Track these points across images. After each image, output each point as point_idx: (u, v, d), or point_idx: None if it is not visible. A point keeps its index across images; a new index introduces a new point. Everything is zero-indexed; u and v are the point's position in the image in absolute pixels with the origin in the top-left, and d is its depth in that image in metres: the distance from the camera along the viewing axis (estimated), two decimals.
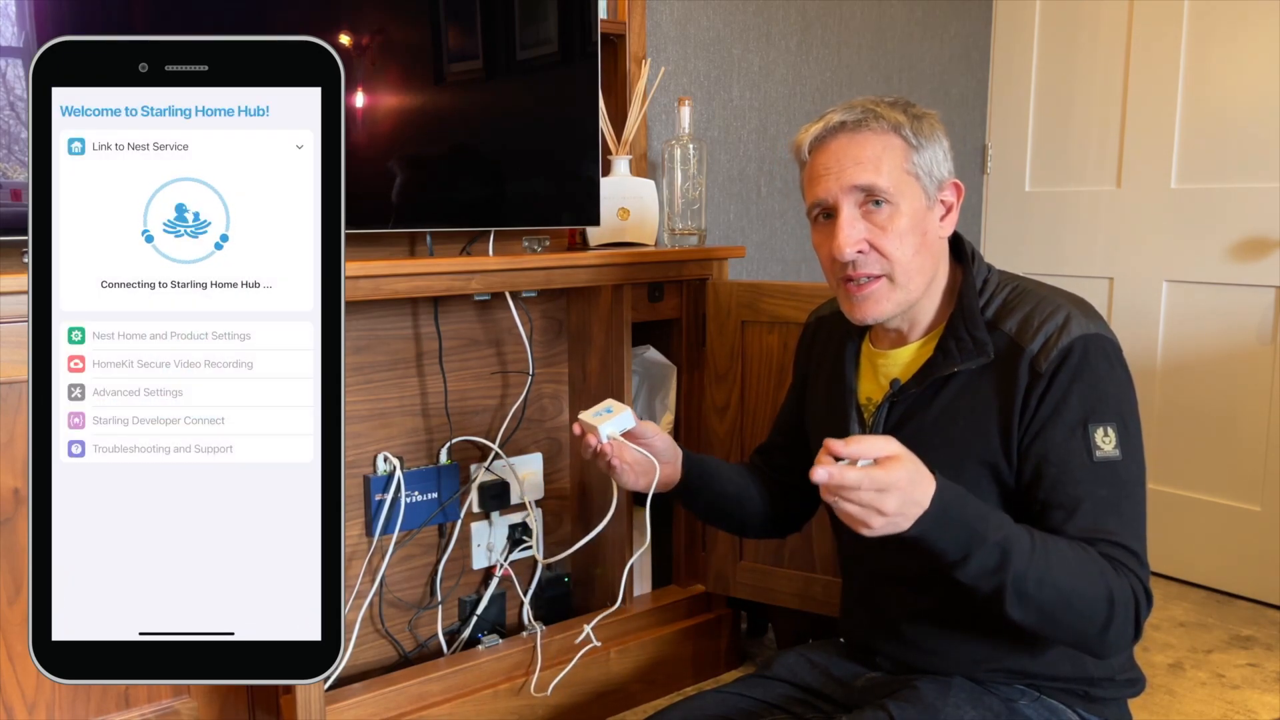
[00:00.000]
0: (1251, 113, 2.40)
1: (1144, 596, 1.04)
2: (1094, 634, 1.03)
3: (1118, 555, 1.04)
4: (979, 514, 1.01)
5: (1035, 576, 1.00)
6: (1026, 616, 1.01)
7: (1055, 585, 1.00)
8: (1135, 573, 1.04)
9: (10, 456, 1.32)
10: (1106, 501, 1.06)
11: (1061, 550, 1.02)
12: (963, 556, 0.99)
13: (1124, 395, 1.10)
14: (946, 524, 0.98)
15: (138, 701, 1.47)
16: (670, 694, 1.97)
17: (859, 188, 1.12)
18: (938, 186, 1.15)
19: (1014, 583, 0.99)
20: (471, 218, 1.71)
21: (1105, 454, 1.06)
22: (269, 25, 1.49)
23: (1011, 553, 0.99)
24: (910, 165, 1.13)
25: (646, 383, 2.04)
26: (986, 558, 0.99)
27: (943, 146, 1.16)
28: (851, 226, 1.12)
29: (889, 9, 2.63)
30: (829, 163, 1.13)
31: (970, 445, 1.12)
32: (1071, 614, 1.02)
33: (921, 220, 1.14)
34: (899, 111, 1.14)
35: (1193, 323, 2.53)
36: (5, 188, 1.32)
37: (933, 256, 1.16)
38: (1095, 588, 1.01)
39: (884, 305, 1.15)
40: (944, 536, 0.98)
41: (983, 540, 0.99)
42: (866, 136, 1.12)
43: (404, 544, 1.83)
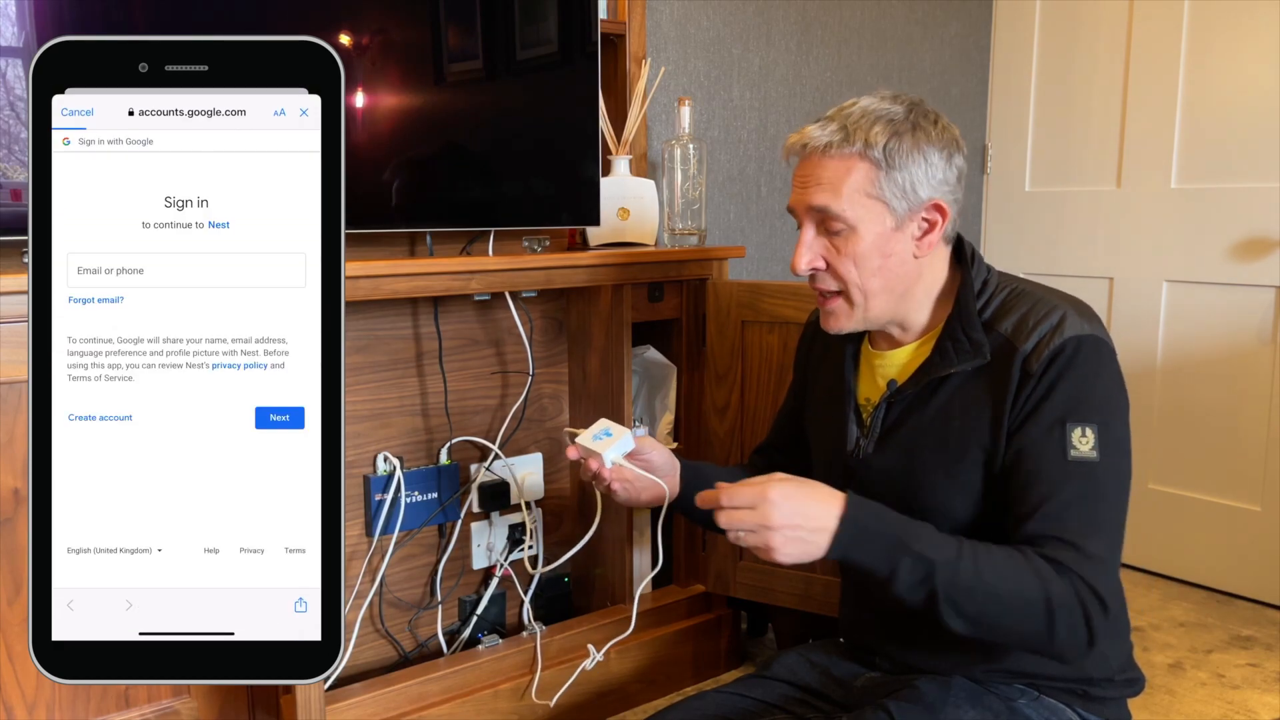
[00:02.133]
0: (1251, 113, 2.40)
1: (1092, 599, 1.02)
2: (1040, 638, 1.02)
3: (1064, 557, 1.02)
4: (899, 527, 1.03)
5: (965, 584, 1.01)
6: (965, 625, 1.03)
7: (987, 591, 1.01)
8: (1082, 575, 1.02)
9: (10, 456, 1.32)
10: (1073, 502, 1.05)
11: (993, 556, 1.03)
12: (890, 571, 1.02)
13: (1110, 398, 1.09)
14: (864, 540, 1.02)
15: (138, 701, 1.47)
16: (670, 694, 1.97)
17: (815, 209, 1.14)
18: (914, 207, 1.13)
19: (944, 590, 1.01)
20: (471, 218, 1.71)
21: (1080, 454, 1.06)
22: (269, 25, 1.49)
23: (937, 562, 1.01)
24: (875, 188, 1.11)
25: (646, 383, 2.04)
26: (913, 569, 1.01)
27: (930, 162, 1.12)
28: (808, 247, 1.16)
29: (889, 9, 2.63)
30: (799, 177, 1.16)
31: (965, 445, 1.12)
32: (1009, 618, 1.02)
33: (885, 243, 1.13)
34: (884, 126, 1.11)
35: (1193, 323, 2.53)
36: (5, 188, 1.32)
37: (900, 277, 1.15)
38: (1030, 590, 1.01)
39: (843, 321, 1.18)
40: (865, 553, 1.02)
41: (906, 550, 1.01)
42: (831, 160, 1.12)
43: (404, 544, 1.83)
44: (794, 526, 1.01)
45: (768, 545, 1.02)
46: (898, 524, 1.04)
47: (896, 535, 1.03)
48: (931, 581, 1.01)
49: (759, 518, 1.01)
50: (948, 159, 1.14)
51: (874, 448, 1.20)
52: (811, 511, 1.02)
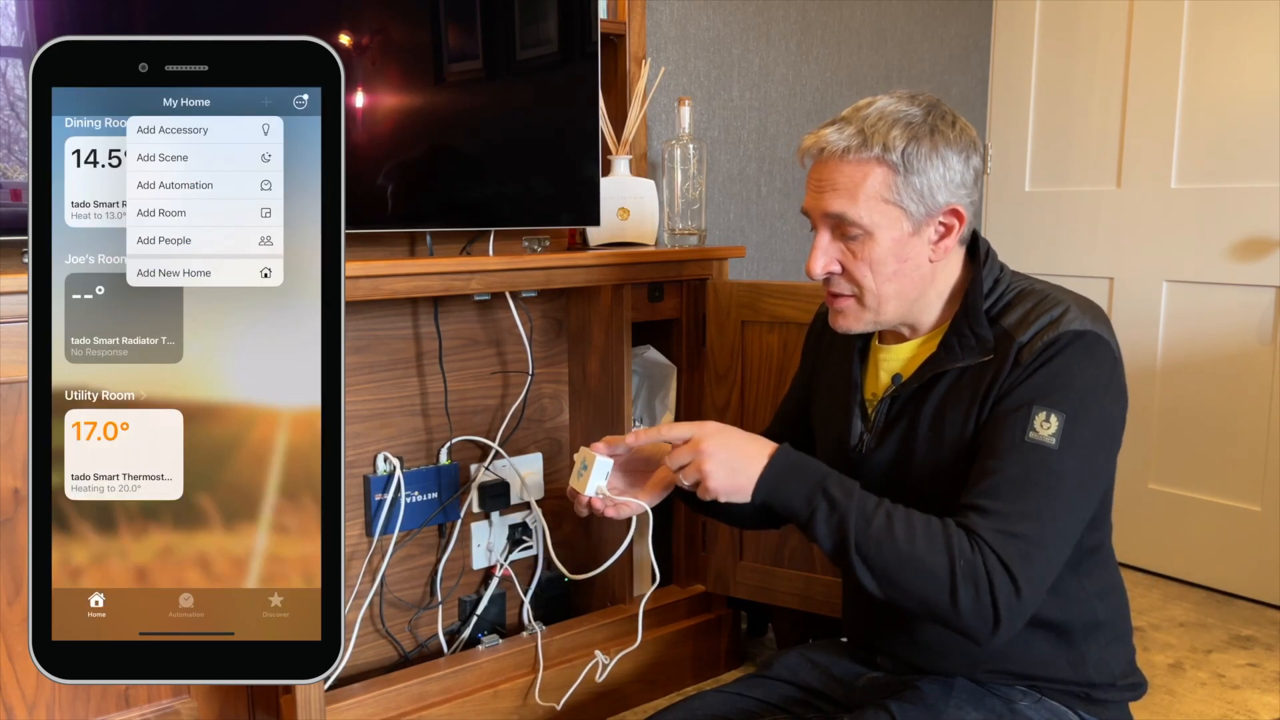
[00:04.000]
0: (1251, 113, 2.40)
1: (1002, 576, 1.00)
2: (943, 605, 1.01)
3: (982, 530, 1.01)
4: (822, 475, 1.08)
5: (875, 537, 1.03)
6: (875, 581, 1.04)
7: (896, 548, 1.02)
8: (996, 550, 1.00)
9: (10, 456, 1.32)
10: (1012, 479, 1.03)
11: (911, 516, 1.04)
12: (809, 513, 1.06)
13: (1090, 392, 1.06)
14: (788, 481, 1.08)
15: (138, 701, 1.47)
16: (670, 694, 1.97)
17: (831, 215, 1.13)
18: (931, 211, 1.12)
19: (856, 538, 1.03)
20: (471, 218, 1.70)
21: (1038, 438, 1.04)
22: (269, 25, 1.49)
23: (851, 509, 1.04)
24: (892, 194, 1.10)
25: (646, 383, 2.04)
26: (829, 515, 1.05)
27: (949, 167, 1.11)
28: (824, 251, 1.15)
29: (889, 9, 2.63)
30: (814, 180, 1.15)
31: (959, 436, 1.12)
32: (913, 578, 1.02)
33: (902, 247, 1.12)
34: (901, 129, 1.10)
35: (1193, 323, 2.53)
36: (5, 188, 1.32)
37: (915, 281, 1.15)
38: (936, 554, 1.01)
39: (853, 323, 1.17)
40: (788, 494, 1.07)
41: (824, 496, 1.05)
42: (847, 167, 1.11)
43: (404, 544, 1.83)
44: (724, 454, 1.08)
45: (700, 471, 1.08)
46: (824, 473, 1.08)
47: (819, 481, 1.07)
48: (845, 528, 1.04)
49: (693, 447, 1.09)
50: (965, 161, 1.12)
51: (877, 442, 1.20)
52: (742, 447, 1.09)
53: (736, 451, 1.09)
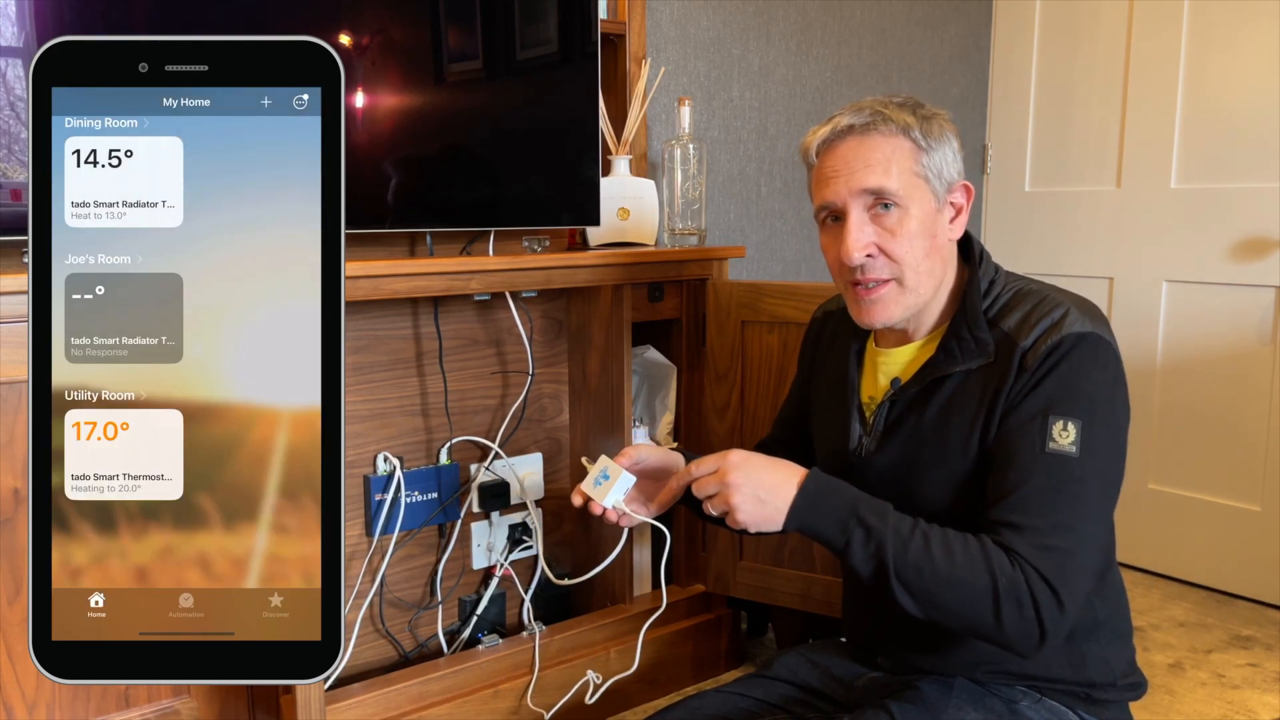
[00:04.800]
0: (1251, 113, 2.40)
1: (1045, 591, 1.00)
2: (987, 623, 1.02)
3: (1019, 547, 1.01)
4: (856, 500, 1.06)
5: (914, 561, 1.02)
6: (914, 604, 1.03)
7: (936, 570, 1.01)
8: (1036, 566, 1.00)
9: (10, 456, 1.32)
10: (1040, 492, 1.03)
11: (947, 536, 1.03)
12: (844, 541, 1.04)
13: (1101, 395, 1.07)
14: (820, 510, 1.06)
15: (138, 701, 1.47)
16: (670, 694, 1.97)
17: (868, 191, 1.11)
18: (947, 188, 1.14)
19: (895, 564, 1.02)
20: (471, 218, 1.70)
21: (1058, 447, 1.04)
22: (269, 25, 1.49)
23: (887, 534, 1.03)
24: (919, 168, 1.11)
25: (646, 383, 2.04)
26: (865, 541, 1.03)
27: (952, 147, 1.14)
28: (860, 230, 1.11)
29: (889, 9, 2.63)
30: (837, 165, 1.13)
31: (964, 442, 1.12)
32: (955, 599, 1.01)
33: (931, 223, 1.13)
34: (907, 113, 1.12)
35: (1193, 323, 2.53)
36: (5, 188, 1.32)
37: (942, 259, 1.15)
38: (978, 575, 1.01)
39: (892, 310, 1.14)
40: (821, 522, 1.06)
41: (858, 521, 1.04)
42: (875, 139, 1.11)
43: (404, 544, 1.83)
44: (752, 486, 1.06)
45: (728, 503, 1.07)
46: (855, 497, 1.07)
47: (852, 506, 1.05)
48: (883, 554, 1.02)
49: (719, 478, 1.08)
50: (958, 147, 1.16)
51: (876, 446, 1.20)
52: (770, 479, 1.08)
53: (763, 481, 1.07)
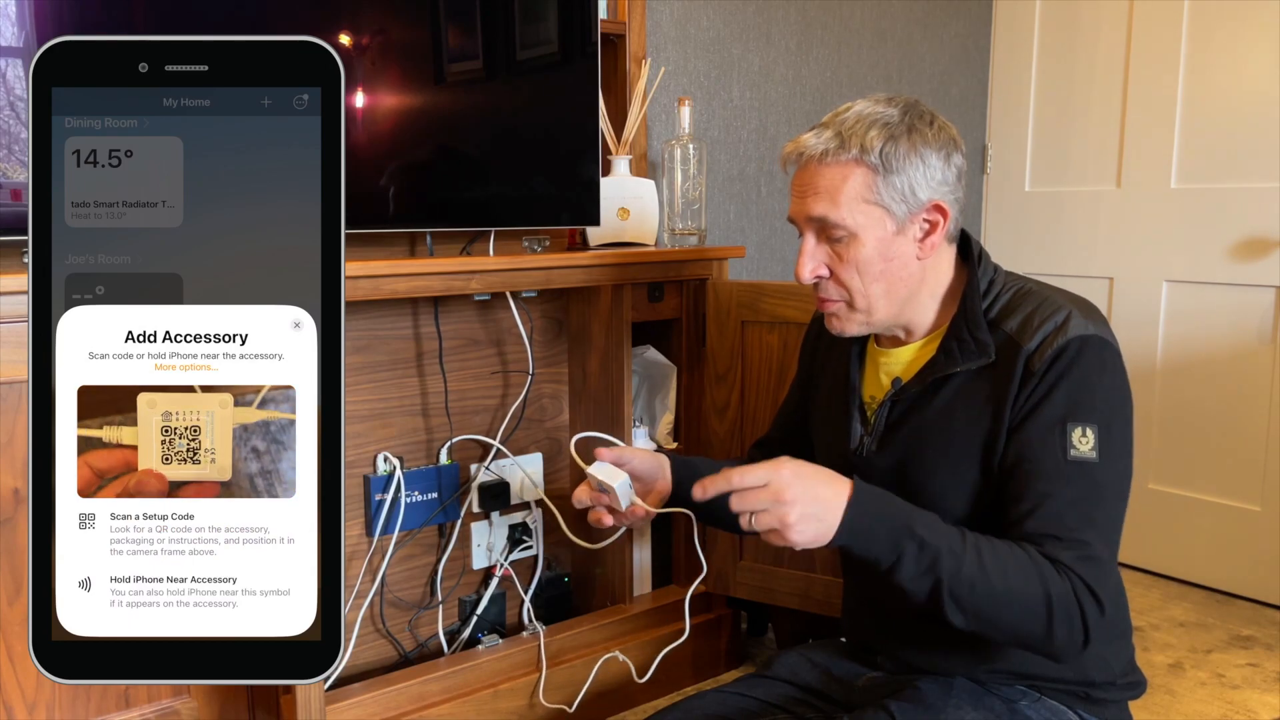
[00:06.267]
0: (1251, 113, 2.40)
1: (1090, 600, 1.01)
2: (1038, 636, 1.02)
3: (1064, 557, 1.02)
4: (906, 514, 1.03)
5: (969, 577, 1.00)
6: (965, 618, 1.02)
7: (990, 585, 1.00)
8: (1081, 575, 1.02)
9: (10, 456, 1.32)
10: (1072, 501, 1.04)
11: (996, 549, 1.03)
12: (895, 558, 1.01)
13: (1112, 399, 1.08)
14: (870, 526, 1.01)
15: (138, 701, 1.47)
16: (670, 694, 1.97)
17: (814, 219, 1.13)
18: (914, 209, 1.12)
19: (949, 581, 1.00)
20: (471, 218, 1.71)
21: (1080, 454, 1.05)
22: (269, 25, 1.49)
23: (942, 550, 1.00)
24: (873, 194, 1.10)
25: (646, 383, 2.04)
26: (919, 558, 1.00)
27: (929, 163, 1.11)
28: (811, 256, 1.15)
29: (889, 9, 2.63)
30: (797, 186, 1.15)
31: (967, 444, 1.12)
32: (1009, 613, 1.02)
33: (887, 247, 1.12)
34: (879, 129, 1.10)
35: (1193, 323, 2.53)
36: (5, 188, 1.32)
37: (903, 280, 1.15)
38: (1031, 587, 1.01)
39: (848, 325, 1.17)
40: (871, 540, 1.01)
41: (911, 538, 1.00)
42: (827, 168, 1.11)
43: (404, 544, 1.83)
44: (808, 503, 0.99)
45: (784, 522, 0.98)
46: (904, 510, 1.04)
47: (904, 521, 1.02)
48: (936, 570, 1.00)
49: (772, 494, 0.99)
50: (946, 159, 1.13)
51: (877, 445, 1.20)
52: (822, 492, 1.01)
53: (817, 497, 1.00)
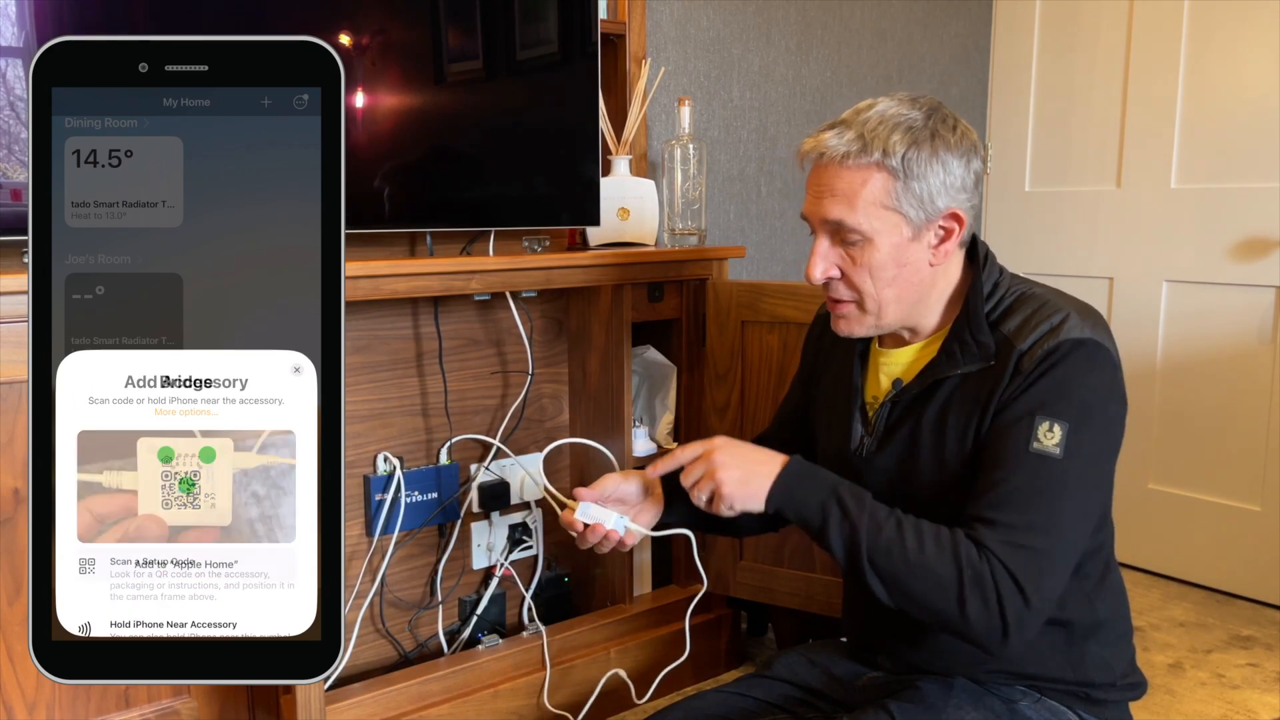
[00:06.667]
0: (1251, 113, 2.40)
1: (1010, 586, 1.01)
2: (951, 616, 1.03)
3: (989, 541, 1.02)
4: (834, 482, 1.11)
5: (886, 543, 1.05)
6: (884, 590, 1.05)
7: (905, 554, 1.04)
8: (1003, 560, 1.01)
9: (10, 456, 1.32)
10: (1018, 489, 1.04)
11: (921, 526, 1.06)
12: (821, 520, 1.08)
13: (1092, 400, 1.06)
14: (801, 490, 1.10)
15: (138, 701, 1.47)
16: (670, 694, 1.97)
17: (829, 222, 1.12)
18: (931, 216, 1.11)
19: (868, 545, 1.05)
20: (471, 218, 1.70)
21: (1042, 448, 1.04)
22: (269, 25, 1.49)
23: (864, 516, 1.06)
24: (892, 200, 1.09)
25: (646, 383, 2.04)
26: (843, 522, 1.07)
27: (949, 170, 1.10)
28: (823, 256, 1.15)
29: (889, 9, 2.63)
30: (814, 185, 1.14)
31: (960, 443, 1.12)
32: (921, 589, 1.03)
33: (901, 252, 1.12)
34: (902, 134, 1.09)
35: (1193, 323, 2.53)
36: (5, 188, 1.32)
37: (914, 285, 1.14)
38: (944, 562, 1.02)
39: (856, 327, 1.17)
40: (801, 502, 1.10)
41: (837, 503, 1.08)
42: (847, 171, 1.10)
43: (404, 544, 1.83)
44: (736, 464, 1.11)
45: (714, 479, 1.11)
46: (833, 480, 1.11)
47: (832, 488, 1.09)
48: (856, 536, 1.05)
49: (705, 461, 1.12)
50: (966, 164, 1.11)
51: (877, 446, 1.20)
52: (754, 457, 1.13)
53: (748, 461, 1.12)
